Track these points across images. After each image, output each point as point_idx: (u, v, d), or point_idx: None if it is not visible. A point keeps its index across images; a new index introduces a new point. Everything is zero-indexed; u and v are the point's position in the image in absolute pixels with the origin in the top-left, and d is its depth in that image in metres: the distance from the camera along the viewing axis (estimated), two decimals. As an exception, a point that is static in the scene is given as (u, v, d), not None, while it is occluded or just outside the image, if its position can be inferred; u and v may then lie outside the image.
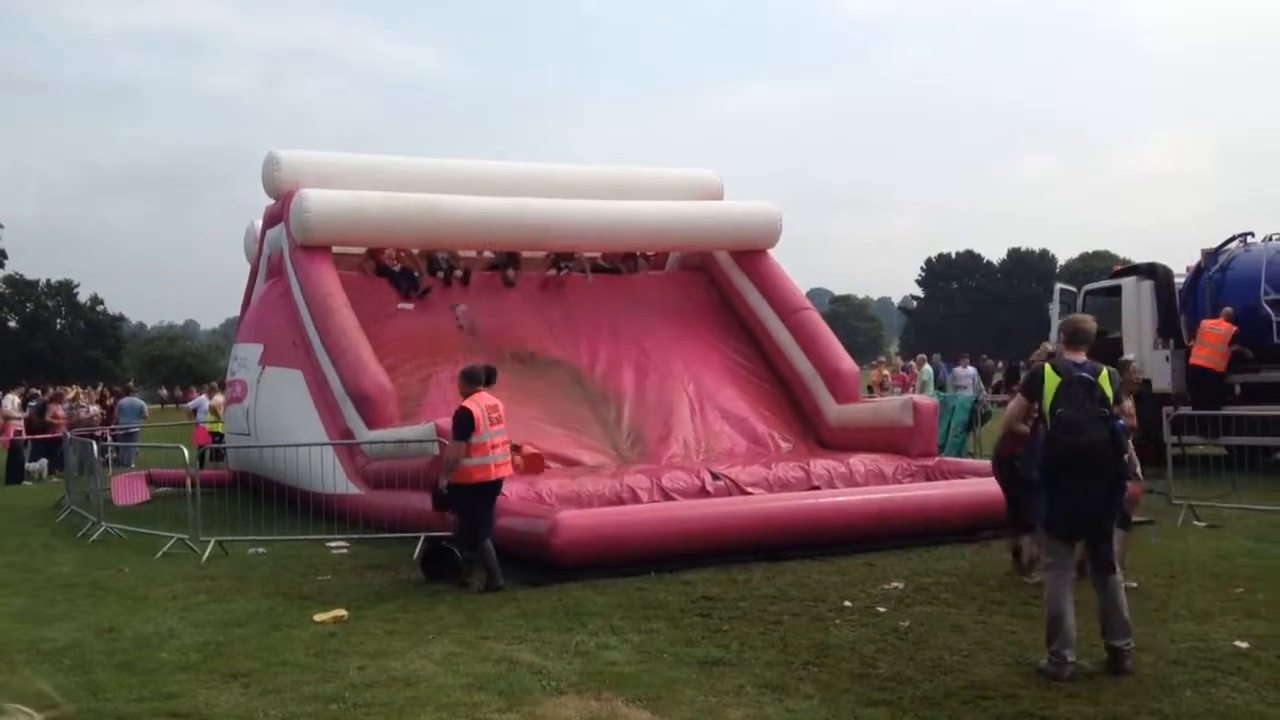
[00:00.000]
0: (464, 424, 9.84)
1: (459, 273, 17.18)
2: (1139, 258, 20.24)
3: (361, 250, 17.00)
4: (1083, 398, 6.67)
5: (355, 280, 16.33)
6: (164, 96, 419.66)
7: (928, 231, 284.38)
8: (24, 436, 23.08)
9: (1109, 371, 6.90)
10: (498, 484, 10.11)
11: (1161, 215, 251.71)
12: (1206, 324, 17.13)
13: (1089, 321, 7.26)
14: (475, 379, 10.41)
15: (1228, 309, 17.00)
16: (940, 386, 27.27)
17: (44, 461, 22.97)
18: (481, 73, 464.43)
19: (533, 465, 11.96)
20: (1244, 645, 7.10)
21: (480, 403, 10.07)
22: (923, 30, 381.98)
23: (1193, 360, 17.13)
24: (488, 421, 9.97)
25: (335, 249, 16.26)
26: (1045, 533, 6.86)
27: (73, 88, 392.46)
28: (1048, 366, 6.90)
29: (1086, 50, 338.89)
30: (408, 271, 16.84)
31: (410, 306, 16.40)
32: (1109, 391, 6.77)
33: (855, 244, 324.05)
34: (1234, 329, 16.64)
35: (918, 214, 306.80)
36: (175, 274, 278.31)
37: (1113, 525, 6.79)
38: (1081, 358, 6.94)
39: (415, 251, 17.38)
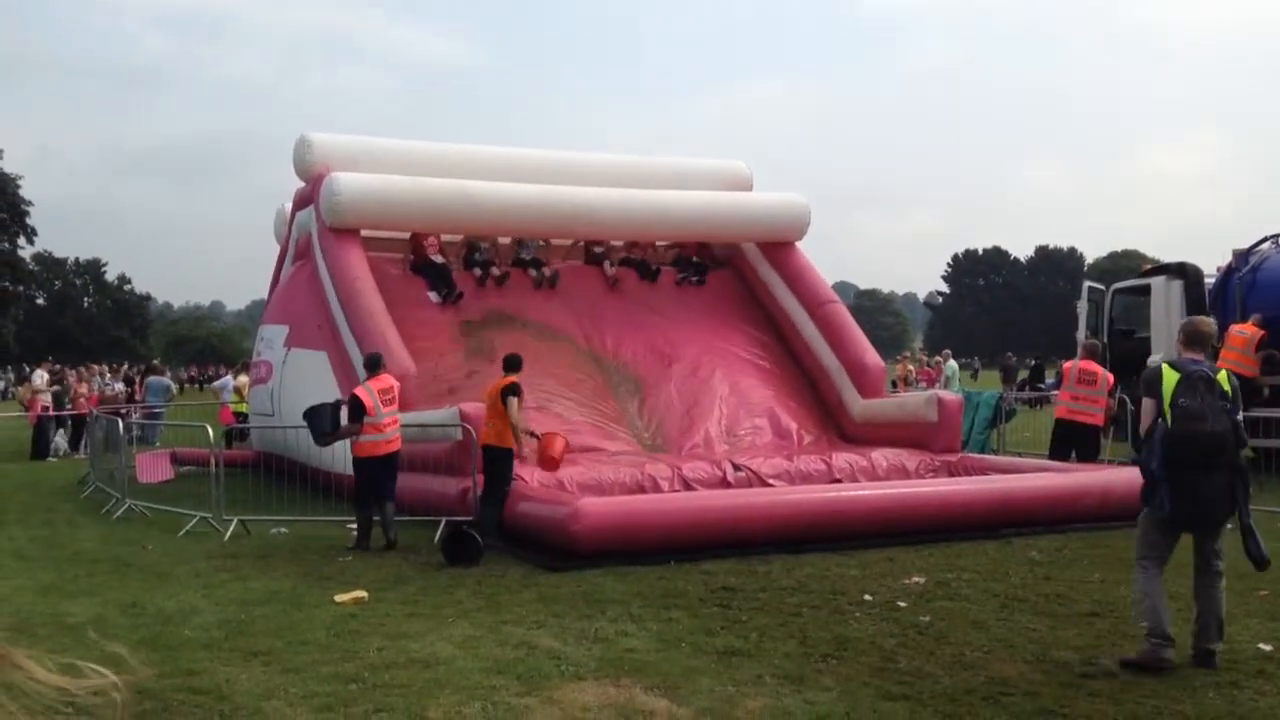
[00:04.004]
0: (355, 409, 11.23)
1: (495, 271, 17.11)
2: (1168, 257, 20.09)
3: (395, 234, 16.98)
4: (1203, 390, 6.69)
5: (384, 266, 16.36)
6: (189, 80, 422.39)
7: (954, 228, 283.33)
8: (50, 413, 23.26)
9: (1227, 372, 6.97)
10: (388, 458, 11.32)
11: (1191, 216, 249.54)
12: (1234, 328, 16.97)
13: (1209, 324, 7.35)
14: (374, 365, 11.76)
15: (1258, 315, 16.82)
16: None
17: (61, 434, 23.16)
18: (503, 61, 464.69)
19: (550, 453, 11.99)
20: (1268, 648, 7.05)
21: (375, 387, 11.35)
22: (944, 27, 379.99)
23: (1219, 364, 16.95)
24: (380, 404, 11.22)
25: (373, 232, 16.30)
26: (1158, 525, 6.82)
27: (98, 70, 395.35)
28: (1165, 364, 6.92)
29: (1111, 49, 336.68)
30: (446, 272, 16.77)
31: (439, 300, 16.40)
32: (1228, 388, 6.81)
33: (881, 239, 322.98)
34: (1262, 333, 16.46)
35: (943, 210, 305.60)
36: (202, 255, 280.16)
37: (1226, 520, 6.79)
38: (1199, 358, 7.00)
39: (459, 238, 17.33)
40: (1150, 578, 6.80)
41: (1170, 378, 6.77)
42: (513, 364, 11.74)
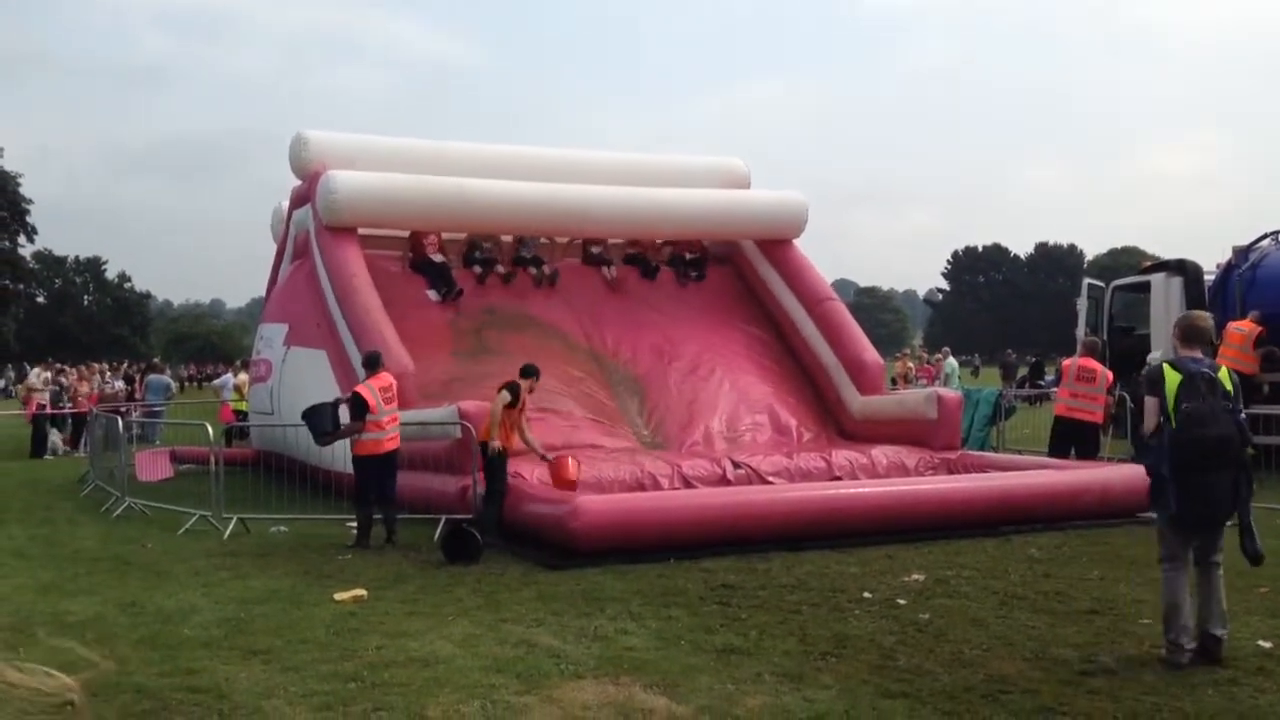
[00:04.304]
0: (358, 406, 11.25)
1: (501, 270, 17.07)
2: (1168, 254, 20.07)
3: (394, 232, 16.94)
4: (1206, 392, 6.66)
5: (383, 264, 16.35)
6: (190, 78, 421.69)
7: (953, 225, 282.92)
8: (48, 411, 23.25)
9: (1227, 370, 6.95)
10: (388, 456, 11.39)
11: (1190, 213, 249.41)
12: (1232, 325, 16.95)
13: (1206, 319, 7.28)
14: (373, 363, 11.81)
15: (1256, 311, 16.79)
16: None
17: (55, 433, 23.14)
18: (502, 60, 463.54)
19: (566, 475, 11.88)
20: (1267, 645, 7.04)
21: (375, 385, 11.40)
22: (944, 26, 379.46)
23: (1217, 361, 16.91)
24: (381, 402, 11.29)
25: (373, 230, 16.29)
26: (1170, 527, 6.83)
27: (101, 69, 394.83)
28: (1166, 365, 6.86)
29: (1111, 48, 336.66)
30: (445, 270, 16.75)
31: (439, 298, 16.39)
32: (1229, 387, 6.80)
33: (881, 237, 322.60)
34: (1260, 330, 16.42)
35: (943, 208, 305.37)
36: (202, 253, 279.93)
37: (1227, 518, 6.82)
38: (1198, 355, 6.97)
39: (461, 236, 17.30)
40: (1171, 577, 6.81)
41: (1172, 379, 6.72)
42: (524, 371, 11.79)
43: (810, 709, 5.92)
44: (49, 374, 25.81)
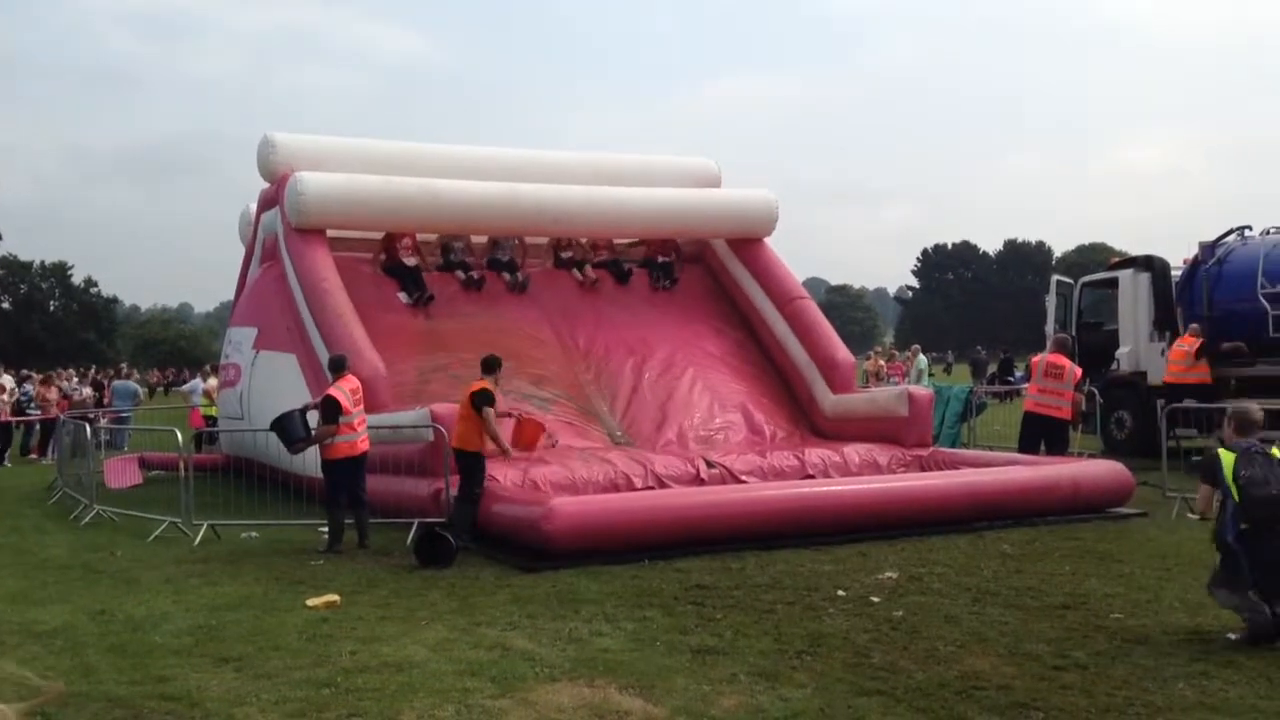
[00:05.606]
0: (332, 410, 11.15)
1: (475, 275, 17.02)
2: (1136, 251, 20.22)
3: (368, 233, 16.83)
4: (1260, 461, 7.22)
5: (355, 266, 16.25)
6: (157, 80, 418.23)
7: (923, 224, 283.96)
8: (5, 418, 22.93)
9: (1276, 447, 7.43)
10: (360, 458, 11.39)
11: (1157, 210, 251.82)
12: (1175, 344, 17.20)
13: (1258, 412, 7.74)
14: (339, 366, 11.78)
15: (1195, 325, 17.04)
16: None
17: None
18: (471, 59, 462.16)
19: (529, 435, 11.98)
20: (1236, 637, 7.10)
21: (344, 387, 11.39)
22: (915, 24, 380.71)
23: (1165, 379, 17.17)
24: (351, 404, 11.29)
25: (345, 232, 16.18)
26: (1247, 593, 7.13)
27: (66, 71, 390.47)
28: (1220, 449, 7.39)
29: (1079, 47, 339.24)
30: (418, 275, 16.67)
31: (410, 302, 16.32)
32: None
33: (851, 236, 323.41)
34: (1199, 341, 16.67)
35: (914, 206, 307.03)
36: (170, 257, 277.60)
37: None
38: (1253, 442, 7.45)
39: (433, 238, 17.23)
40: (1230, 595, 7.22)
41: (1228, 457, 7.25)
42: (488, 365, 11.69)
43: (786, 708, 5.93)
44: (6, 381, 25.30)
